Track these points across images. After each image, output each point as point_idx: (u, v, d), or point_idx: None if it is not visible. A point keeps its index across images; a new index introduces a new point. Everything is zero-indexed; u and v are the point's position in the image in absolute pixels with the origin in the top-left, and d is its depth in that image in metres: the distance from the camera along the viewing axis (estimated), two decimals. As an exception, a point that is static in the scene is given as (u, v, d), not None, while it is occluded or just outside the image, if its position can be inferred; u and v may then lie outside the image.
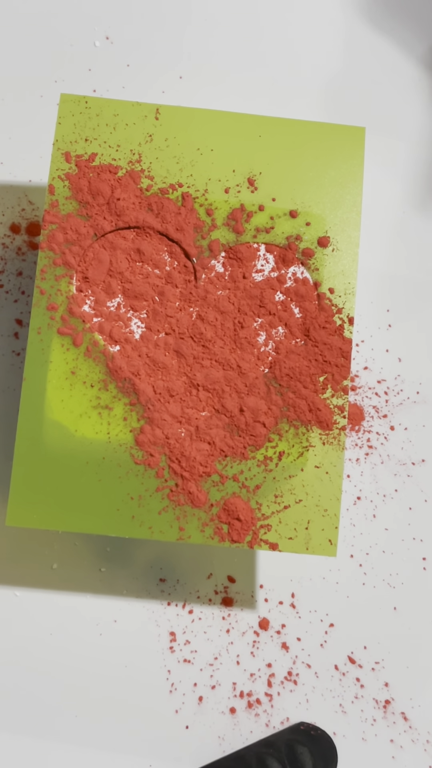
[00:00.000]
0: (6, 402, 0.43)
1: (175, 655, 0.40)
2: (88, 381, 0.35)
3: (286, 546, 0.34)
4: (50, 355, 0.35)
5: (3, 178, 0.45)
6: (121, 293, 0.37)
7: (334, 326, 0.36)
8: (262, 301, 0.37)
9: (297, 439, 0.35)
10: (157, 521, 0.34)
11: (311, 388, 0.35)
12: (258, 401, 0.35)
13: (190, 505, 0.34)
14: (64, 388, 0.35)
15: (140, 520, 0.34)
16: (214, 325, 0.37)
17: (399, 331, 0.45)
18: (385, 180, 0.47)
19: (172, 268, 0.37)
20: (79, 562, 0.41)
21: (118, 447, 0.34)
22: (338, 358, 0.35)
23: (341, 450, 0.35)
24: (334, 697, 0.41)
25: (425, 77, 0.48)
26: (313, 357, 0.35)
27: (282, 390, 0.35)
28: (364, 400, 0.44)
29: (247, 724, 0.40)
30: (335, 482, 0.34)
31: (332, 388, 0.35)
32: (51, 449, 0.34)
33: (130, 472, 0.34)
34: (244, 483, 0.34)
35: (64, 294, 0.35)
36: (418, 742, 0.40)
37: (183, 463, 0.34)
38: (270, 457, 0.35)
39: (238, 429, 0.35)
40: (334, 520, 0.34)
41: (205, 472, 0.34)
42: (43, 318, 0.35)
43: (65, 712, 0.40)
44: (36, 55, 0.46)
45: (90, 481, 0.34)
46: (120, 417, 0.35)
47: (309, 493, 0.34)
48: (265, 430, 0.35)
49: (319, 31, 0.47)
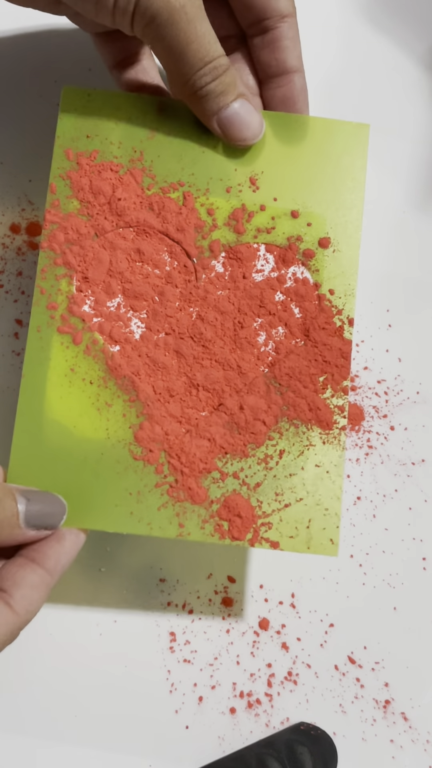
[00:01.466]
0: (6, 402, 0.43)
1: (175, 655, 0.40)
2: (87, 378, 0.35)
3: (287, 545, 0.34)
4: (50, 353, 0.35)
5: (3, 178, 0.45)
6: (121, 293, 0.37)
7: (334, 327, 0.36)
8: (262, 301, 0.37)
9: (297, 438, 0.35)
10: (156, 517, 0.34)
11: (311, 387, 0.35)
12: (258, 400, 0.35)
13: (189, 502, 0.34)
14: (62, 386, 0.35)
15: (139, 516, 0.34)
16: (214, 325, 0.37)
17: (399, 331, 0.45)
18: (385, 180, 0.47)
19: (172, 268, 0.37)
20: (79, 562, 0.41)
21: (116, 443, 0.34)
22: (338, 358, 0.35)
23: (342, 450, 0.35)
24: (334, 697, 0.41)
25: (425, 77, 0.48)
26: (313, 357, 0.35)
27: (282, 389, 0.35)
28: (364, 400, 0.44)
29: (247, 724, 0.40)
30: (336, 482, 0.34)
31: (332, 388, 0.35)
32: (49, 446, 0.34)
33: (128, 468, 0.34)
34: (244, 480, 0.34)
35: (65, 293, 0.35)
36: (418, 742, 0.40)
37: (182, 459, 0.34)
38: (270, 455, 0.35)
39: (238, 427, 0.35)
40: (335, 519, 0.34)
41: (204, 469, 0.34)
42: (42, 317, 0.35)
43: (65, 712, 0.40)
44: (36, 54, 0.46)
45: (88, 477, 0.34)
46: (119, 414, 0.35)
47: (310, 491, 0.34)
48: (266, 428, 0.35)
49: (318, 30, 0.47)
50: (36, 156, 0.45)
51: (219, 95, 0.33)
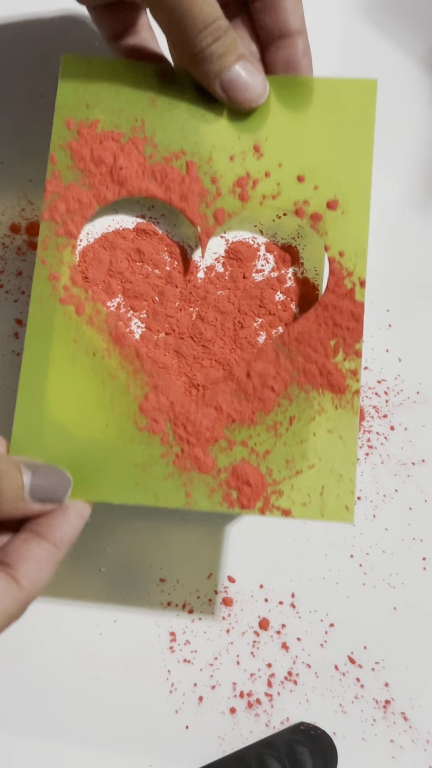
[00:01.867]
0: (6, 402, 0.43)
1: (175, 655, 0.40)
2: (90, 349, 0.34)
3: (299, 512, 0.33)
4: (52, 324, 0.34)
5: (3, 178, 0.45)
6: (121, 293, 0.37)
7: (345, 289, 0.34)
8: (262, 301, 0.37)
9: (308, 404, 0.34)
10: (163, 487, 0.33)
11: (321, 352, 0.34)
12: (266, 366, 0.34)
13: (196, 471, 0.33)
14: (65, 358, 0.34)
15: (144, 487, 0.33)
16: (214, 325, 0.37)
17: (399, 331, 0.45)
18: (385, 180, 0.47)
19: (172, 268, 0.37)
20: (79, 562, 0.41)
21: (120, 415, 0.33)
22: (350, 321, 0.34)
23: (355, 414, 0.33)
24: (334, 697, 0.41)
25: (425, 77, 0.48)
26: (323, 321, 0.34)
27: (291, 355, 0.34)
28: (364, 400, 0.44)
29: (247, 724, 0.40)
30: (350, 447, 0.33)
31: (344, 351, 0.34)
32: (52, 418, 0.33)
33: (133, 439, 0.33)
34: (253, 448, 0.33)
35: (67, 264, 0.34)
36: (418, 742, 0.40)
37: (189, 428, 0.33)
38: (280, 422, 0.33)
39: (246, 394, 0.34)
40: (349, 485, 0.33)
41: (212, 438, 0.33)
42: (44, 288, 0.34)
43: (65, 712, 0.40)
44: (36, 54, 0.46)
45: (92, 449, 0.33)
46: (123, 385, 0.34)
47: (322, 458, 0.33)
48: (274, 395, 0.34)
49: (318, 30, 0.47)
50: (36, 156, 0.45)
51: (220, 56, 0.33)
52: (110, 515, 0.41)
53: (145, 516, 0.42)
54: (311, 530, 0.42)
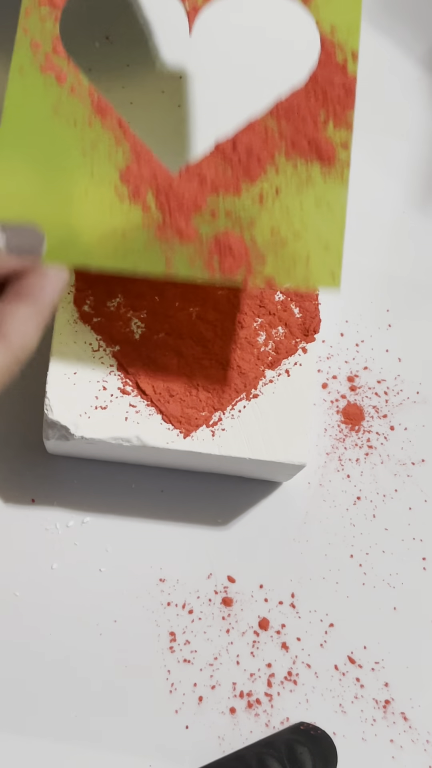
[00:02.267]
0: (6, 401, 0.43)
1: (175, 655, 0.40)
2: (72, 119, 0.33)
3: (283, 279, 0.32)
4: (32, 93, 0.33)
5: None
6: (121, 293, 0.37)
7: (336, 63, 0.33)
8: (262, 301, 0.37)
9: (296, 175, 0.33)
10: (143, 254, 0.32)
11: (311, 123, 0.33)
12: (253, 138, 0.33)
13: (178, 240, 0.32)
14: (45, 127, 0.33)
15: (123, 253, 0.32)
16: (214, 325, 0.37)
17: (399, 331, 0.45)
18: (385, 180, 0.47)
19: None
20: (79, 562, 0.41)
21: (101, 182, 0.32)
22: (341, 93, 0.33)
23: (344, 185, 0.32)
24: (334, 697, 0.41)
25: (425, 77, 0.48)
26: (313, 95, 0.33)
27: (280, 127, 0.33)
28: (364, 400, 0.44)
29: (247, 724, 0.40)
30: (338, 217, 0.32)
31: (334, 122, 0.33)
32: (29, 184, 0.32)
33: (113, 207, 0.32)
34: (238, 218, 0.32)
35: (49, 34, 0.33)
36: (418, 742, 0.40)
37: (171, 199, 0.32)
38: (266, 192, 0.32)
39: (231, 165, 0.33)
40: (336, 254, 0.32)
41: (195, 207, 0.32)
42: (25, 56, 0.33)
43: (64, 712, 0.40)
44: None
45: (71, 214, 0.32)
46: (104, 155, 0.33)
47: (309, 228, 0.32)
48: (261, 166, 0.33)
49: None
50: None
51: None
52: (110, 515, 0.42)
53: (145, 516, 0.42)
54: (311, 530, 0.42)
